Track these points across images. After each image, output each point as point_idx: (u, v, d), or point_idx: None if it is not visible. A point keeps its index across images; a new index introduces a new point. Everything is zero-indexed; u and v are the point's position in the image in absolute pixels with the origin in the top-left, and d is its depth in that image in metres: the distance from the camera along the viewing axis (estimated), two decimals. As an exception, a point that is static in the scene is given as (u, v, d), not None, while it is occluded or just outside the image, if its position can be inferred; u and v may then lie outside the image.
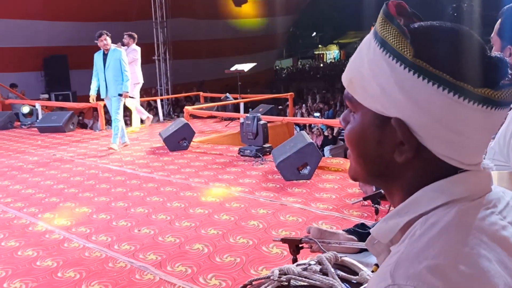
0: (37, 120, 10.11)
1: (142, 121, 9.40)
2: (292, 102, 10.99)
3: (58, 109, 11.41)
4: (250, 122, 6.02)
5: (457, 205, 0.56)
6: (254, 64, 11.21)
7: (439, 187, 0.57)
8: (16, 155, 7.14)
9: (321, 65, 37.61)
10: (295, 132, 9.05)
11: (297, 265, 1.05)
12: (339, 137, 10.98)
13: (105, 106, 7.94)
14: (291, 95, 10.73)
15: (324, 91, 18.00)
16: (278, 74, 32.46)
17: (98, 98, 7.31)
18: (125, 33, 8.94)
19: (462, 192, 0.57)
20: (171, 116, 12.98)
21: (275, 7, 22.12)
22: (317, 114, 13.63)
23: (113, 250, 3.35)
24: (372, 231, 0.63)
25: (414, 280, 0.50)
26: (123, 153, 6.87)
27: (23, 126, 10.37)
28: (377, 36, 0.58)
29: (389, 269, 0.53)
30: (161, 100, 12.64)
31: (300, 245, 1.53)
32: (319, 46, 44.89)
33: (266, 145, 6.07)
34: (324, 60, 42.72)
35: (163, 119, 11.79)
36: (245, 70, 10.51)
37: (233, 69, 10.50)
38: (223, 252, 3.19)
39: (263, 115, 6.79)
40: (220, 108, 10.33)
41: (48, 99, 13.74)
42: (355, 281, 1.01)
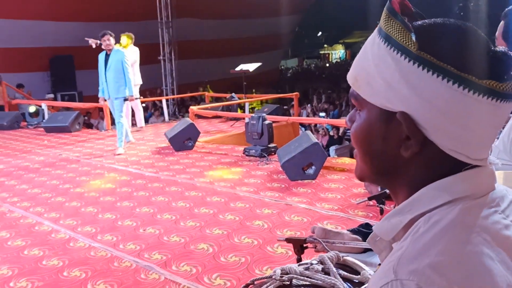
0: (43, 120, 10.16)
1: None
2: (298, 102, 10.97)
3: (64, 109, 11.47)
4: (255, 122, 6.02)
5: (461, 204, 0.56)
6: (259, 64, 11.22)
7: (442, 185, 0.57)
8: (23, 155, 7.19)
9: (327, 65, 37.57)
10: (300, 132, 9.04)
11: (299, 265, 1.05)
12: (345, 137, 10.95)
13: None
14: (296, 95, 10.72)
15: (330, 91, 17.96)
16: (284, 74, 32.44)
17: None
18: (123, 34, 8.88)
19: (466, 191, 0.57)
20: (177, 116, 13.00)
21: (281, 7, 22.09)
22: (323, 114, 13.61)
23: (119, 250, 3.37)
24: (375, 228, 0.63)
25: (417, 276, 0.50)
26: (129, 153, 6.89)
27: (30, 126, 10.43)
28: (381, 32, 0.58)
29: (392, 265, 0.53)
30: (167, 100, 12.67)
31: (305, 245, 1.53)
32: (325, 46, 44.82)
33: (271, 145, 6.07)
34: (330, 60, 42.65)
35: (169, 119, 11.82)
36: (250, 70, 10.51)
37: (238, 69, 10.51)
38: (228, 252, 3.20)
39: (268, 115, 6.79)
40: (225, 108, 10.34)
41: (54, 99, 13.81)
42: (357, 281, 1.01)
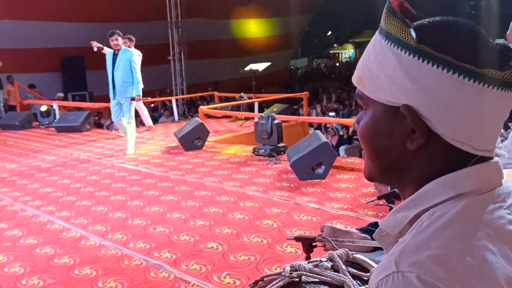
0: (55, 120, 10.26)
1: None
2: (307, 102, 10.95)
3: (75, 109, 11.57)
4: (265, 122, 6.03)
5: (466, 198, 0.56)
6: (269, 64, 11.22)
7: (448, 181, 0.57)
8: (34, 155, 7.26)
9: (337, 65, 37.41)
10: (310, 132, 9.03)
11: (309, 262, 1.05)
12: (354, 137, 10.90)
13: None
14: (306, 95, 10.70)
15: (340, 91, 17.85)
16: (293, 74, 32.37)
17: None
18: (124, 36, 8.72)
19: (471, 186, 0.57)
20: (186, 116, 13.06)
21: (290, 7, 22.07)
22: (332, 114, 13.55)
23: (129, 248, 3.39)
24: (381, 223, 0.64)
25: (418, 268, 0.51)
26: (139, 153, 6.93)
27: (41, 126, 10.54)
28: (382, 30, 0.60)
29: (394, 257, 0.54)
30: (176, 100, 12.72)
31: (314, 244, 1.53)
32: (335, 46, 44.65)
33: (281, 145, 6.06)
34: (340, 60, 42.48)
35: (178, 119, 11.86)
36: (260, 70, 10.52)
37: (248, 69, 10.52)
38: (237, 251, 3.21)
39: (278, 115, 6.79)
40: (235, 108, 10.35)
41: (65, 99, 13.93)
42: (366, 278, 1.01)
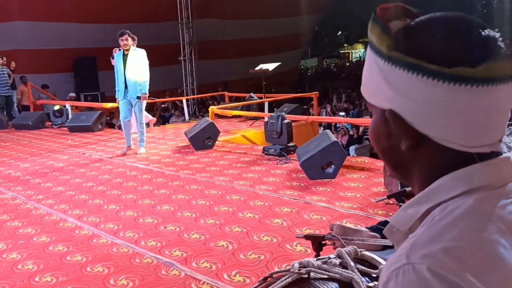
0: (67, 120, 10.37)
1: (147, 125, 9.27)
2: (317, 102, 10.94)
3: (87, 109, 11.69)
4: (275, 121, 6.04)
5: (477, 193, 0.56)
6: (279, 64, 11.22)
7: (459, 176, 0.58)
8: (47, 154, 7.36)
9: (347, 64, 37.25)
10: (320, 131, 9.02)
11: (317, 259, 1.07)
12: (364, 137, 10.86)
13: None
14: (316, 94, 10.68)
15: (350, 90, 17.75)
16: (303, 74, 32.29)
17: None
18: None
19: (482, 181, 0.57)
20: (197, 116, 13.11)
21: (300, 7, 22.04)
22: (342, 114, 13.52)
23: (140, 246, 3.43)
24: (391, 219, 0.64)
25: (429, 260, 0.51)
26: (150, 152, 6.99)
27: (54, 126, 10.66)
28: (369, 40, 0.62)
29: (405, 250, 0.54)
30: (187, 100, 12.78)
31: (323, 242, 1.54)
32: (345, 45, 44.46)
33: (291, 144, 6.07)
34: (350, 59, 42.27)
35: (189, 119, 11.92)
36: (270, 70, 10.53)
37: (258, 69, 10.54)
38: (247, 250, 3.22)
39: (288, 114, 6.80)
40: (245, 108, 10.38)
41: (77, 99, 14.07)
42: (375, 275, 1.02)
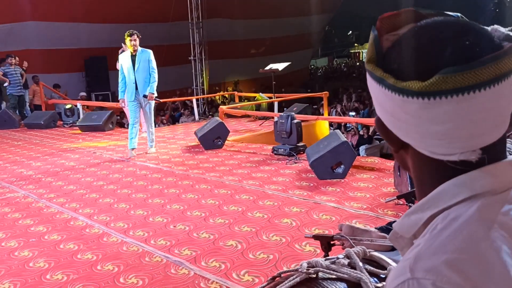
0: (78, 119, 10.47)
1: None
2: (327, 101, 10.91)
3: (98, 109, 11.79)
4: (284, 121, 6.03)
5: (480, 200, 0.55)
6: (289, 63, 11.23)
7: (461, 182, 0.57)
8: (59, 153, 7.43)
9: (357, 64, 37.08)
10: (330, 131, 8.99)
11: (326, 259, 1.07)
12: (375, 137, 10.82)
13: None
14: (326, 94, 10.66)
15: (360, 90, 17.67)
16: (313, 74, 32.23)
17: None
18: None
19: (485, 186, 0.56)
20: (207, 115, 13.15)
21: (311, 6, 22.00)
22: (353, 113, 13.47)
23: (150, 245, 3.45)
24: (395, 226, 0.63)
25: (433, 275, 0.50)
26: (160, 152, 7.02)
27: (65, 125, 10.77)
28: None
29: (408, 263, 0.53)
30: (197, 100, 12.82)
31: (332, 242, 1.54)
32: (355, 45, 44.26)
33: (300, 144, 6.06)
34: (360, 59, 42.03)
35: (199, 118, 11.96)
36: (280, 69, 10.53)
37: (268, 69, 10.54)
38: (256, 249, 3.23)
39: (297, 114, 6.79)
40: (255, 108, 10.39)
41: (88, 99, 14.19)
42: (383, 276, 1.02)
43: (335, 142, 4.93)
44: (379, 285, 1.00)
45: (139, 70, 6.58)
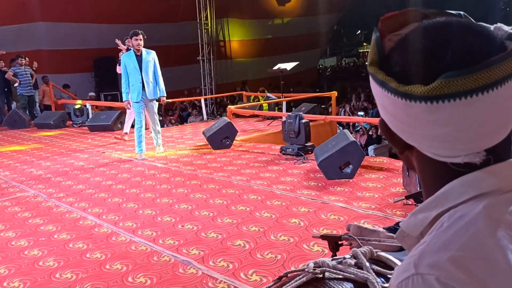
0: (87, 119, 10.54)
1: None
2: (335, 101, 10.88)
3: (107, 109, 11.85)
4: (292, 121, 6.02)
5: (487, 199, 0.55)
6: (297, 63, 11.22)
7: (468, 181, 0.57)
8: (68, 153, 7.48)
9: (366, 63, 36.82)
10: (338, 131, 8.96)
11: (333, 259, 1.06)
12: (383, 136, 10.77)
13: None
14: (334, 94, 10.63)
15: (369, 90, 17.62)
16: (322, 73, 32.14)
17: None
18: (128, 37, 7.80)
19: (492, 185, 0.56)
20: (215, 115, 13.18)
21: (319, 6, 21.94)
22: (361, 113, 13.42)
23: (158, 245, 3.46)
24: (402, 225, 0.63)
25: (437, 270, 0.50)
26: (168, 152, 7.05)
27: (75, 125, 10.85)
28: None
29: (413, 259, 0.53)
30: (205, 100, 12.85)
31: (340, 242, 1.54)
32: (364, 44, 44.06)
33: (308, 144, 6.05)
34: (369, 59, 41.83)
35: (207, 118, 11.98)
36: (288, 69, 10.52)
37: (276, 68, 10.54)
38: (264, 249, 3.23)
39: (306, 114, 6.78)
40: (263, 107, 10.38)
41: (97, 99, 14.27)
42: (391, 276, 1.01)
43: (344, 142, 4.91)
44: (386, 285, 0.99)
45: (146, 71, 6.48)
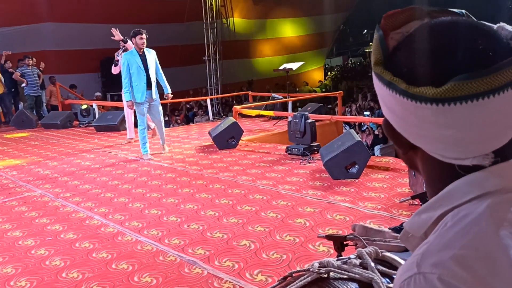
0: (94, 119, 10.58)
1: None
2: (341, 101, 10.86)
3: (114, 109, 11.90)
4: (298, 121, 6.02)
5: (490, 198, 0.55)
6: (302, 63, 11.21)
7: (472, 180, 0.57)
8: (75, 153, 7.52)
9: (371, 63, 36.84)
10: (344, 131, 8.94)
11: (338, 259, 1.06)
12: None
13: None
14: (340, 94, 10.61)
15: (375, 90, 17.58)
16: (328, 73, 32.06)
17: None
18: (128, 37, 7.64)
19: (496, 185, 0.56)
20: (221, 115, 13.19)
21: (326, 5, 21.91)
22: (367, 113, 13.37)
23: (164, 244, 3.47)
24: (405, 225, 0.63)
25: (439, 269, 0.50)
26: (174, 151, 7.06)
27: (81, 125, 10.90)
28: None
29: (416, 259, 0.54)
30: (211, 100, 12.87)
31: (345, 242, 1.53)
32: (370, 44, 43.88)
33: (314, 144, 6.04)
34: (375, 58, 41.68)
35: (213, 118, 11.99)
36: (294, 69, 10.51)
37: (282, 68, 10.53)
38: (270, 249, 3.22)
39: (311, 114, 6.77)
40: (269, 107, 10.38)
41: (104, 99, 14.32)
42: (395, 276, 1.01)
43: (349, 142, 4.90)
44: (391, 286, 0.99)
45: (151, 70, 6.43)
